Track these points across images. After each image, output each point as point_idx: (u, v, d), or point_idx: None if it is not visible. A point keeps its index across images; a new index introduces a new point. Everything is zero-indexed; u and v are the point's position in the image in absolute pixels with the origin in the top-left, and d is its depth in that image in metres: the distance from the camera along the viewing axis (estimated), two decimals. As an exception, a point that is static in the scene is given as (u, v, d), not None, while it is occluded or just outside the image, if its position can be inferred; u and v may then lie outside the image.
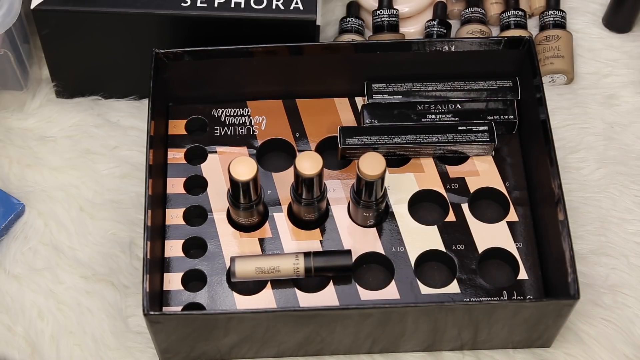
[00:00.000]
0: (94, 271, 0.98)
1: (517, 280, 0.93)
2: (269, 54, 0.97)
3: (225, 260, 0.94)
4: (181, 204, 0.97)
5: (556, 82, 1.09)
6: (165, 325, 0.86)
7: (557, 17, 1.09)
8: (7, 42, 0.99)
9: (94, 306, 0.96)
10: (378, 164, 0.89)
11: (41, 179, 1.03)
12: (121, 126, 1.06)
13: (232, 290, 0.93)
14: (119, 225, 1.00)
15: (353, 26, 1.09)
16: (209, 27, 0.98)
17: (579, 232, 0.99)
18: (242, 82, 1.00)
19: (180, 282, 0.93)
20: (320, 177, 0.90)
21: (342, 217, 0.96)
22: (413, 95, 1.00)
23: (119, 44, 1.01)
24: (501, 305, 0.87)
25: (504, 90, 1.00)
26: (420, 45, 0.98)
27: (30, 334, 0.95)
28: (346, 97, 1.02)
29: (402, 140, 0.97)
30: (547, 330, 0.91)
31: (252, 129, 1.01)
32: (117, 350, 0.94)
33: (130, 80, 1.05)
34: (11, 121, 1.06)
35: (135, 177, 1.03)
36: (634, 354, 0.94)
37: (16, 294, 0.97)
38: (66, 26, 0.99)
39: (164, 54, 0.96)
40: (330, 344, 0.91)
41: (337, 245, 0.95)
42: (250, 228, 0.96)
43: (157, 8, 0.97)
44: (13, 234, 1.00)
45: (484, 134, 0.97)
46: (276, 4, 0.97)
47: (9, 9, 0.96)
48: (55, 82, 1.06)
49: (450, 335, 0.91)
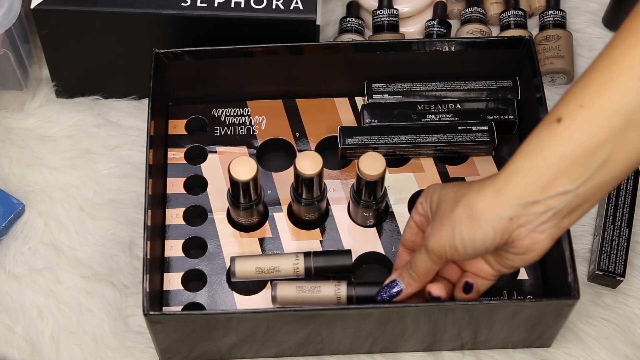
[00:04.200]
0: (94, 271, 0.98)
1: (517, 280, 0.93)
2: (269, 53, 0.97)
3: (225, 260, 0.94)
4: (181, 204, 0.97)
5: (556, 82, 1.09)
6: (165, 325, 0.86)
7: (557, 17, 1.09)
8: (7, 42, 0.99)
9: (94, 306, 0.96)
10: (378, 164, 0.89)
11: (41, 179, 1.03)
12: (121, 126, 1.06)
13: (232, 290, 0.93)
14: (119, 225, 1.00)
15: (353, 26, 1.09)
16: (209, 27, 0.98)
17: (579, 232, 0.99)
18: (242, 82, 1.00)
19: (180, 282, 0.93)
20: (320, 177, 0.90)
21: (342, 217, 0.96)
22: (413, 95, 1.00)
23: (119, 44, 1.01)
24: (501, 305, 0.87)
25: (504, 90, 1.00)
26: (420, 45, 0.98)
27: (30, 334, 0.95)
28: (346, 97, 1.02)
29: (402, 140, 0.97)
30: (547, 330, 0.91)
31: (252, 128, 1.01)
32: (117, 350, 0.94)
33: (130, 80, 1.05)
34: (11, 121, 1.06)
35: (135, 177, 1.03)
36: (634, 354, 0.94)
37: (16, 294, 0.97)
38: (66, 26, 0.99)
39: (164, 54, 0.96)
40: (330, 344, 0.91)
41: (337, 245, 0.95)
42: (250, 228, 0.96)
43: (157, 8, 0.97)
44: (13, 234, 1.00)
45: (484, 134, 0.97)
46: (276, 4, 0.97)
47: (9, 9, 0.96)
48: (55, 82, 1.06)
49: (450, 335, 0.91)
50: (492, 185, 0.76)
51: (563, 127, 0.72)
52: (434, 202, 0.82)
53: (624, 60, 0.70)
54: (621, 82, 0.70)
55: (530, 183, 0.74)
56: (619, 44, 0.71)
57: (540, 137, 0.73)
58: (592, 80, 0.71)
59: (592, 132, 0.71)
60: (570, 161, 0.72)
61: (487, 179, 0.77)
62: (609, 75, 0.70)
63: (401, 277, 0.85)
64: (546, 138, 0.73)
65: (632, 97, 0.70)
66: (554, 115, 0.73)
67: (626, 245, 0.96)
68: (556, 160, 0.72)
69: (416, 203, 0.85)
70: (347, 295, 0.89)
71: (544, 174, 0.73)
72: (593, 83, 0.71)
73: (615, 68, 0.70)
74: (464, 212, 0.77)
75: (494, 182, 0.76)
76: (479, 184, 0.77)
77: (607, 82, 0.70)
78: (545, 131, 0.73)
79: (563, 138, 0.72)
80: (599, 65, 0.71)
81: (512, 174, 0.74)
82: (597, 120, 0.71)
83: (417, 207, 0.85)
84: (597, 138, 0.71)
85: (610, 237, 0.97)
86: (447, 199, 0.79)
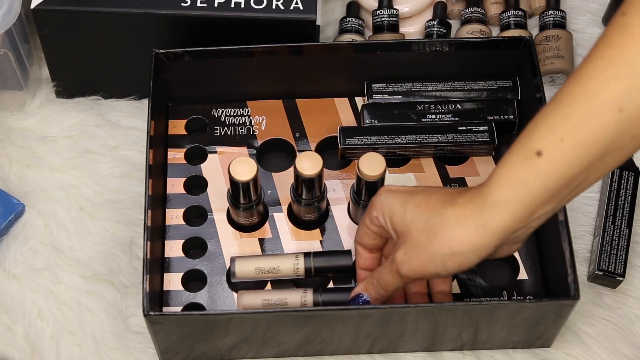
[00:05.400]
0: (94, 271, 0.98)
1: (517, 280, 0.93)
2: (269, 54, 0.97)
3: (225, 260, 0.94)
4: (181, 204, 0.97)
5: (556, 82, 1.09)
6: (165, 325, 0.86)
7: (557, 17, 1.09)
8: (7, 42, 0.99)
9: (94, 306, 0.96)
10: (378, 164, 0.89)
11: (41, 179, 1.03)
12: (121, 126, 1.06)
13: (232, 290, 0.93)
14: (119, 225, 1.00)
15: (353, 26, 1.09)
16: (209, 27, 0.98)
17: (579, 232, 1.00)
18: (242, 82, 1.00)
19: (180, 282, 0.93)
20: (320, 178, 0.90)
21: (342, 217, 0.96)
22: (413, 95, 1.00)
23: (119, 44, 1.01)
24: (501, 306, 0.87)
25: (504, 90, 1.00)
26: (420, 45, 0.97)
27: (30, 334, 0.95)
28: (346, 97, 1.02)
29: (402, 140, 0.97)
30: (547, 330, 0.91)
31: (252, 129, 1.01)
32: (117, 350, 0.94)
33: (130, 80, 1.05)
34: (11, 121, 1.06)
35: (135, 177, 1.03)
36: (634, 354, 0.94)
37: (16, 294, 0.97)
38: (66, 26, 0.99)
39: (164, 54, 0.96)
40: (330, 344, 0.91)
41: (337, 246, 0.95)
42: (250, 228, 0.96)
43: (157, 8, 0.97)
44: (13, 234, 1.00)
45: (484, 134, 0.97)
46: (276, 4, 0.97)
47: (9, 9, 0.96)
48: (55, 82, 1.06)
49: (450, 336, 0.91)
50: (473, 217, 0.76)
51: (545, 162, 0.72)
52: (395, 221, 0.81)
53: (605, 93, 0.70)
54: (602, 116, 0.70)
55: (516, 217, 0.75)
56: (597, 75, 0.70)
57: (521, 169, 0.73)
58: (573, 112, 0.71)
59: (574, 164, 0.72)
60: (553, 192, 0.73)
61: (462, 201, 0.77)
62: (590, 109, 0.70)
63: (367, 292, 0.85)
64: (529, 172, 0.73)
65: (612, 128, 0.70)
66: (534, 146, 0.73)
67: (626, 246, 0.96)
68: (540, 193, 0.73)
69: (368, 213, 0.84)
70: (313, 302, 0.90)
71: (529, 206, 0.74)
72: (574, 116, 0.71)
73: (595, 101, 0.70)
74: (445, 245, 0.77)
75: (475, 213, 0.76)
76: (453, 210, 0.77)
77: (588, 117, 0.70)
78: (525, 164, 0.73)
79: (545, 173, 0.73)
80: (578, 95, 0.71)
81: (496, 207, 0.75)
82: (579, 153, 0.71)
83: (372, 219, 0.84)
84: (578, 168, 0.72)
85: (610, 237, 0.97)
86: (416, 227, 0.79)
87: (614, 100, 0.69)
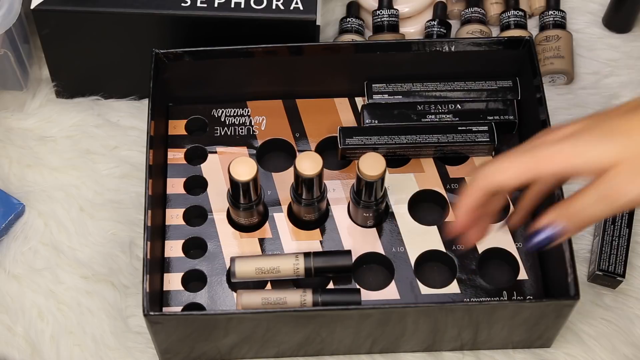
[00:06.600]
0: (94, 271, 0.98)
1: (517, 281, 0.93)
2: (269, 54, 0.97)
3: (225, 260, 0.94)
4: (181, 204, 0.97)
5: (556, 82, 1.09)
6: (165, 325, 0.86)
7: (557, 17, 1.09)
8: (7, 42, 0.99)
9: (94, 306, 0.96)
10: (378, 164, 0.89)
11: (41, 179, 1.03)
12: (121, 126, 1.06)
13: (232, 290, 0.93)
14: (119, 225, 1.00)
15: (353, 26, 1.09)
16: (209, 27, 0.98)
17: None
18: (242, 82, 1.00)
19: (180, 282, 0.93)
20: (320, 178, 0.90)
21: (342, 217, 0.96)
22: (413, 95, 1.00)
23: (119, 44, 1.01)
24: (501, 306, 0.87)
25: (504, 90, 1.00)
26: (420, 45, 0.98)
27: (30, 334, 0.95)
28: (346, 97, 1.02)
29: (402, 141, 0.97)
30: (547, 330, 0.91)
31: (252, 129, 1.01)
32: (117, 350, 0.94)
33: (130, 80, 1.05)
34: (11, 121, 1.06)
35: (135, 177, 1.03)
36: (634, 354, 0.94)
37: (16, 294, 0.97)
38: (66, 26, 0.99)
39: (164, 54, 0.96)
40: (330, 344, 0.91)
41: (337, 246, 0.95)
42: (250, 228, 0.96)
43: (157, 8, 0.97)
44: (13, 234, 1.00)
45: (484, 134, 0.97)
46: (276, 4, 0.97)
47: (9, 9, 0.96)
48: (55, 82, 1.06)
49: (450, 336, 0.91)
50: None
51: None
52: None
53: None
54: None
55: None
56: None
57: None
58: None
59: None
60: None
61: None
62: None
63: (566, 221, 0.76)
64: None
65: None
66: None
67: (626, 246, 0.96)
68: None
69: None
70: (312, 302, 0.89)
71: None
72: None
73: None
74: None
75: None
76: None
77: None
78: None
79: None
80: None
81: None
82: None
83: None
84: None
85: (610, 237, 0.97)
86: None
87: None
